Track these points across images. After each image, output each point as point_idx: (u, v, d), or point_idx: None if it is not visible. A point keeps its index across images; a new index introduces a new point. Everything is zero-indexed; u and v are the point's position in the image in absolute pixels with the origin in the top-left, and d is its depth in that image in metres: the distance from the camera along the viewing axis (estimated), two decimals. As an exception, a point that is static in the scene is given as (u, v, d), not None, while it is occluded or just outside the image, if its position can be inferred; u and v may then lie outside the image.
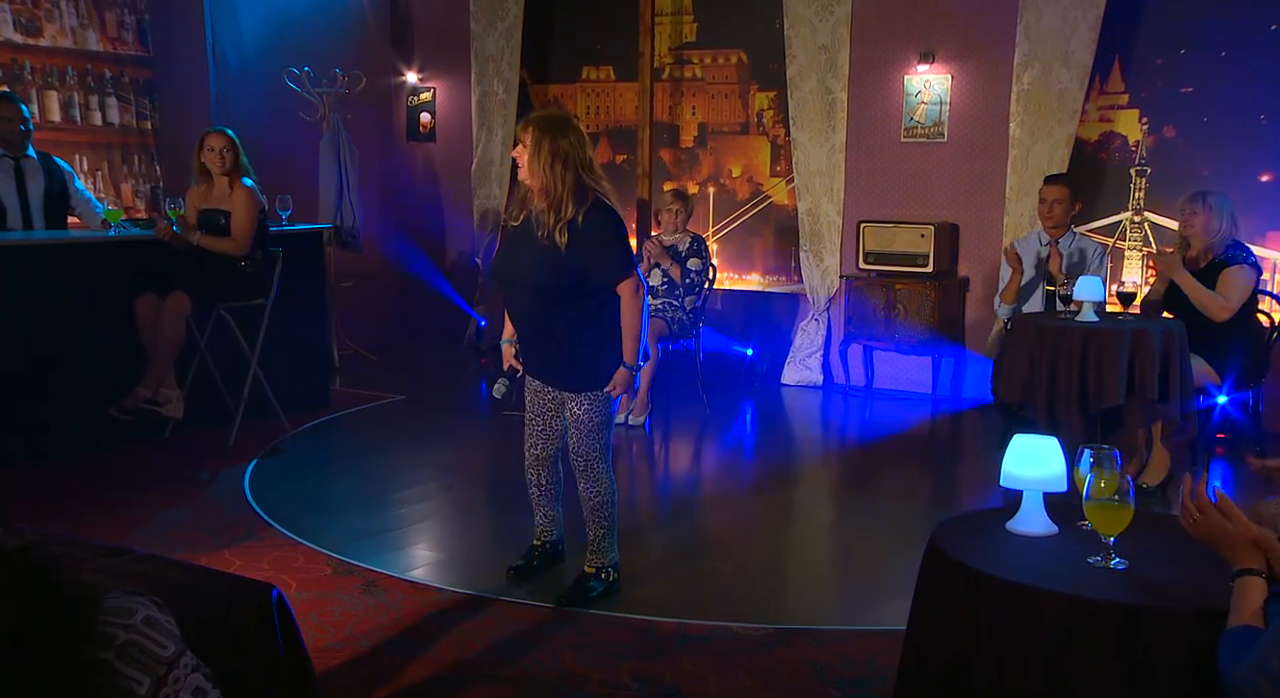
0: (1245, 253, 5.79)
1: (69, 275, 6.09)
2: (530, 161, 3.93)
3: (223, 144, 6.28)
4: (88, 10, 7.89)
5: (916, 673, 2.54)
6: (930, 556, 2.54)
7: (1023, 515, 2.59)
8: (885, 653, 3.92)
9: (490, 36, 9.28)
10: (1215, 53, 7.17)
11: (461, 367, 9.17)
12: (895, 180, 7.96)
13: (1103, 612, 2.22)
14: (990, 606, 2.32)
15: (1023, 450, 2.59)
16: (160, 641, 1.66)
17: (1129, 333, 5.29)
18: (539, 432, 4.39)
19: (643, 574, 4.72)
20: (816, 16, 7.99)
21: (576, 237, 3.94)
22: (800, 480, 6.48)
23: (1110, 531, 2.38)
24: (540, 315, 4.12)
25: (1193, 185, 7.06)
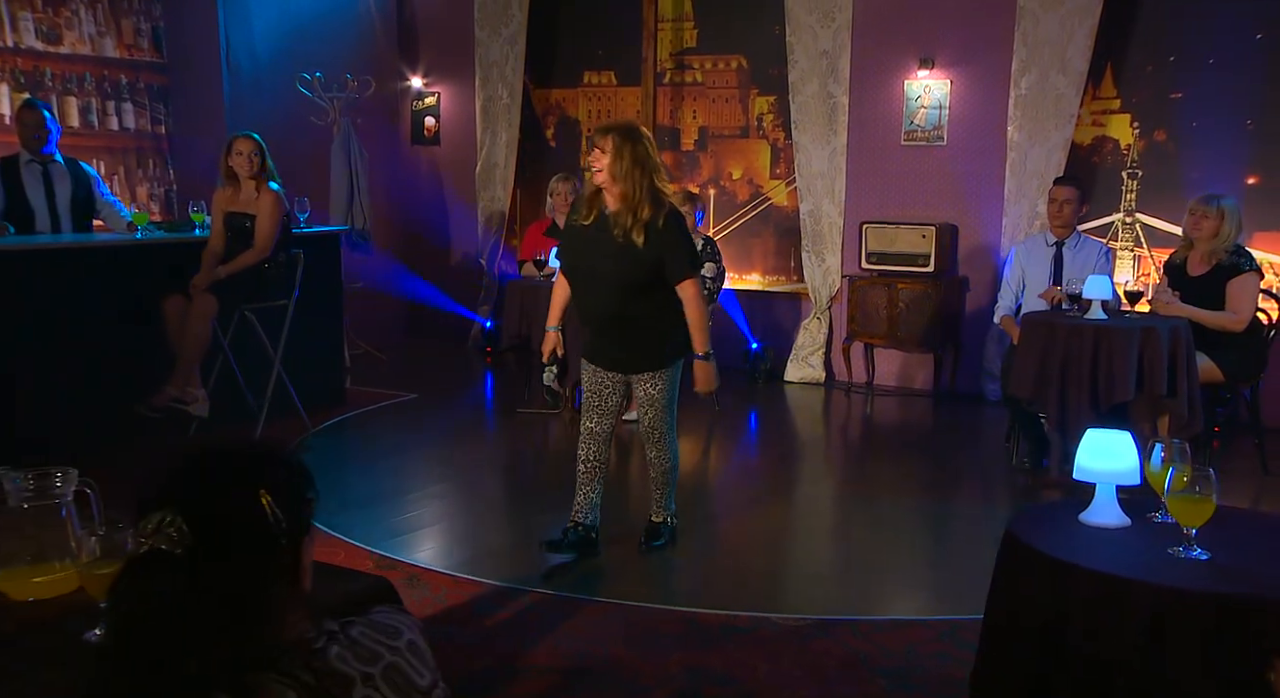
0: (1248, 259, 5.84)
1: (97, 277, 6.04)
2: (611, 166, 4.18)
3: (250, 148, 6.25)
4: (106, 18, 7.87)
5: (997, 661, 2.54)
6: (1010, 548, 2.55)
7: (1096, 508, 2.61)
8: (922, 642, 3.96)
9: (494, 42, 9.25)
10: (1203, 60, 7.23)
11: (468, 366, 9.13)
12: (896, 182, 7.99)
13: (1194, 601, 2.24)
14: (1079, 596, 2.33)
15: (1096, 445, 2.60)
16: (419, 669, 1.60)
17: (1138, 330, 5.33)
18: (595, 408, 4.62)
19: (681, 567, 4.74)
20: (818, 23, 8.00)
21: (652, 237, 4.22)
22: (814, 475, 6.50)
23: (1193, 522, 2.40)
24: (616, 306, 4.36)
25: (1183, 188, 7.19)
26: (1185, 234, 5.96)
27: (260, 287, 6.36)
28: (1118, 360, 5.29)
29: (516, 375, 7.70)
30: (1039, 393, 5.50)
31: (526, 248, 7.60)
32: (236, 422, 6.50)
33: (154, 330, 6.13)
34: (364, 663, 1.52)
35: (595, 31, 9.26)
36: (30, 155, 6.38)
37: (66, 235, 6.36)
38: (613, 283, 4.31)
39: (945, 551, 5.11)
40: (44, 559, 2.16)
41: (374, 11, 9.24)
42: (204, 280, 6.15)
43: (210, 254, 6.29)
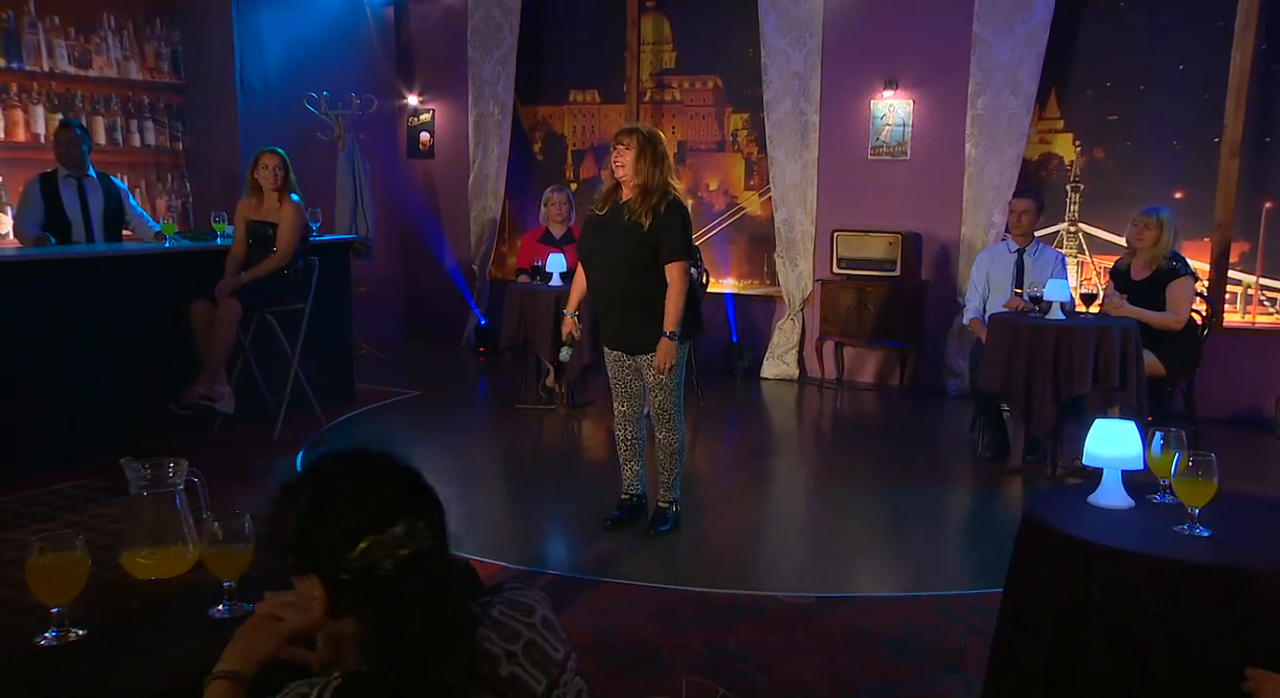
0: (1184, 265, 5.99)
1: (130, 284, 6.06)
2: (635, 161, 4.44)
3: (275, 162, 6.26)
4: (131, 44, 7.93)
5: (1019, 633, 2.60)
6: (1030, 528, 2.61)
7: (1104, 490, 2.68)
8: (916, 616, 4.05)
9: (486, 63, 9.26)
10: (1135, 87, 7.41)
11: (464, 365, 9.13)
12: (863, 194, 8.07)
13: (1203, 573, 2.32)
14: (1100, 572, 2.39)
15: (1104, 433, 2.68)
16: (553, 643, 1.59)
17: (1095, 330, 5.46)
18: (622, 392, 4.83)
19: (687, 549, 4.80)
20: (790, 46, 8.08)
21: (656, 220, 4.44)
22: (796, 465, 6.58)
23: (1196, 502, 2.49)
24: (621, 284, 4.56)
25: (1120, 201, 7.38)
26: (1129, 242, 6.09)
27: (280, 292, 6.37)
28: (1077, 357, 5.42)
29: (514, 374, 7.71)
30: (1007, 387, 5.62)
31: (523, 255, 7.62)
32: (257, 418, 6.49)
33: (182, 333, 6.13)
34: (507, 641, 1.53)
35: (580, 52, 9.29)
36: (67, 171, 6.37)
37: (101, 245, 6.34)
38: (619, 262, 4.51)
39: (925, 533, 5.20)
40: (161, 542, 2.18)
41: (374, 34, 9.21)
42: (229, 285, 6.14)
43: (233, 260, 6.29)
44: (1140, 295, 5.88)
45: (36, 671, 1.80)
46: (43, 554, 1.89)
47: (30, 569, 1.89)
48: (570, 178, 9.39)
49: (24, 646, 1.87)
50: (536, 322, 6.85)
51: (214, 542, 2.01)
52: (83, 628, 1.92)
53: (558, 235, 7.48)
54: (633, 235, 4.46)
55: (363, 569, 1.47)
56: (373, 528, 1.47)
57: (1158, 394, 5.95)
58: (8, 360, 5.52)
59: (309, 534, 1.51)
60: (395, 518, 1.48)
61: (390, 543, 1.46)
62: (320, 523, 1.50)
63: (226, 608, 2.02)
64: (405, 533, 1.47)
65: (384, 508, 1.49)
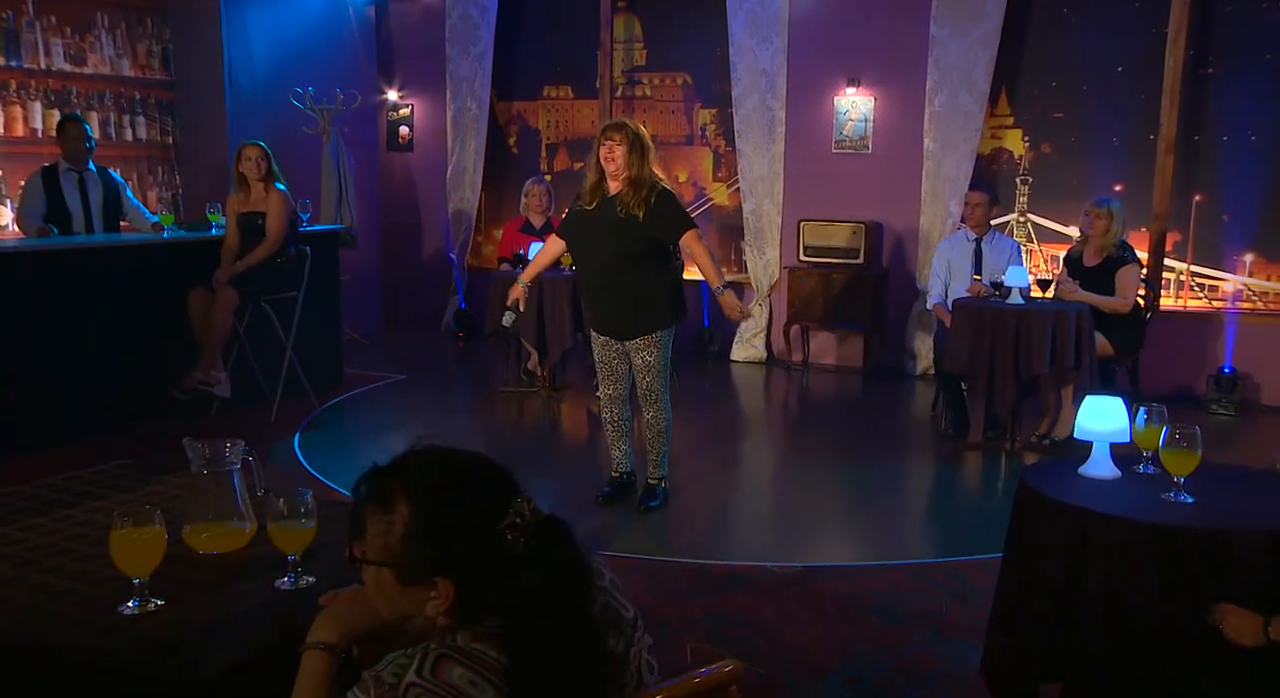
0: (1131, 252, 6.12)
1: (130, 273, 6.00)
2: (626, 155, 4.43)
3: (257, 154, 6.23)
4: (123, 41, 7.83)
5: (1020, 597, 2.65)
6: (1027, 497, 2.67)
7: (1094, 462, 2.75)
8: (901, 582, 4.12)
9: (464, 60, 9.21)
10: (1079, 86, 7.53)
11: (444, 349, 9.10)
12: (828, 186, 8.12)
13: (1192, 536, 2.40)
14: (1097, 537, 2.46)
15: (1093, 409, 2.76)
16: (624, 604, 1.57)
17: (1052, 314, 5.57)
18: (608, 376, 4.82)
19: (678, 524, 4.84)
20: (758, 45, 8.12)
21: (650, 210, 4.46)
22: (772, 443, 6.65)
23: (1181, 471, 2.56)
24: (614, 275, 4.55)
25: (1065, 193, 7.52)
26: (1081, 232, 6.21)
27: (274, 280, 6.34)
28: (1036, 339, 5.53)
29: (494, 358, 7.71)
30: (970, 367, 5.72)
31: (504, 244, 7.60)
32: (252, 402, 6.45)
33: (181, 320, 6.08)
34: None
35: (553, 50, 9.26)
36: (68, 165, 6.31)
37: (102, 236, 6.30)
38: (612, 253, 4.52)
39: (898, 505, 5.28)
40: (220, 518, 2.18)
41: (356, 32, 9.12)
42: (225, 274, 6.11)
43: (227, 251, 6.25)
44: (1091, 281, 6.00)
45: (122, 639, 1.80)
46: (125, 528, 1.90)
47: (114, 542, 1.90)
48: (545, 170, 9.37)
49: (108, 615, 1.88)
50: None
51: (279, 517, 2.02)
52: (160, 599, 1.93)
53: (538, 225, 7.47)
54: (627, 228, 4.47)
55: (494, 555, 1.44)
56: (497, 511, 1.46)
57: (1106, 373, 6.09)
58: (12, 347, 5.45)
59: (431, 530, 1.46)
60: (511, 496, 1.48)
61: (518, 522, 1.45)
62: (443, 515, 1.46)
63: (291, 581, 2.03)
64: (525, 508, 1.47)
65: (500, 489, 1.49)
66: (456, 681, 1.38)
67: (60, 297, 5.63)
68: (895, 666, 3.42)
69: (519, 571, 1.43)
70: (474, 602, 1.45)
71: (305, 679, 1.56)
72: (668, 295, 4.67)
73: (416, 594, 1.47)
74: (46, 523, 2.30)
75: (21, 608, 1.89)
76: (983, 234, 6.41)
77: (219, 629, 1.85)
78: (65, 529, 2.27)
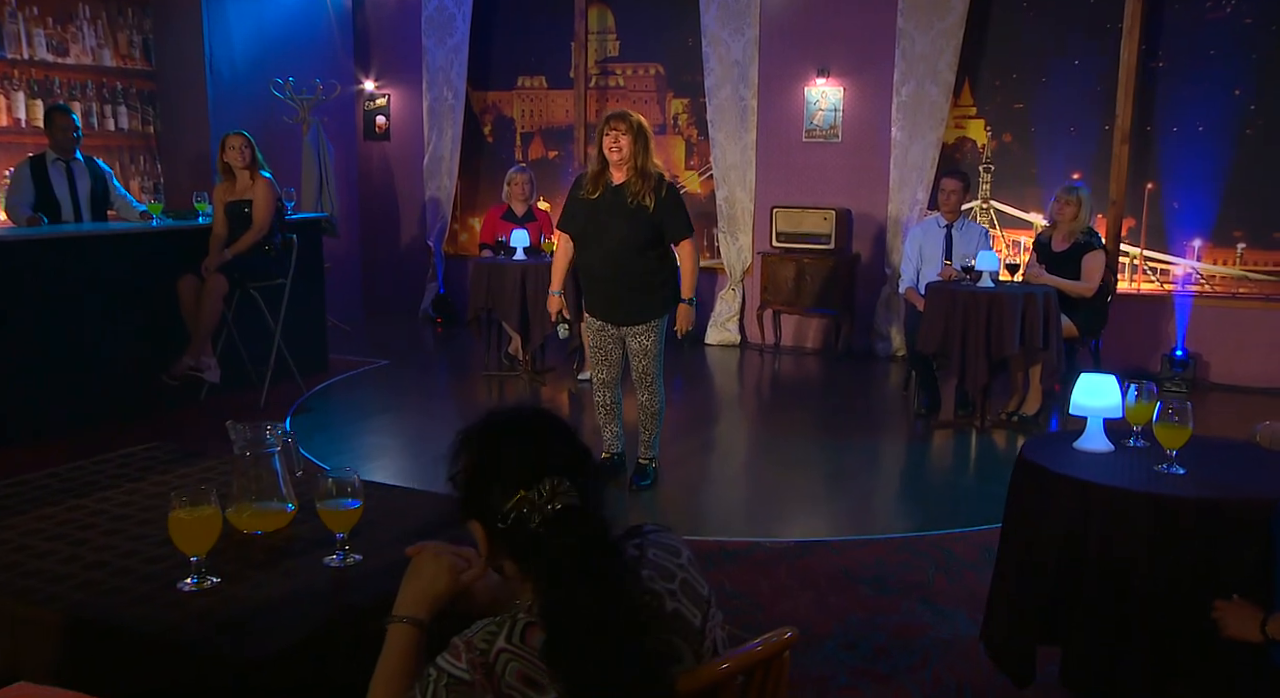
0: (1098, 238, 6.25)
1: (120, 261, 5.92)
2: (631, 145, 4.45)
3: (241, 143, 6.18)
4: (105, 32, 7.73)
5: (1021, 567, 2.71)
6: (1028, 470, 2.73)
7: (1088, 437, 2.82)
8: (887, 555, 4.19)
9: (440, 50, 9.15)
10: (1038, 79, 7.64)
11: (423, 335, 9.07)
12: (799, 173, 8.18)
13: (1186, 505, 2.47)
14: (1098, 507, 2.53)
15: (1088, 387, 2.82)
16: (700, 580, 1.59)
17: (1021, 297, 5.67)
18: (601, 361, 4.82)
19: (669, 502, 4.88)
20: (730, 37, 8.14)
21: (660, 203, 4.50)
22: (751, 422, 6.71)
23: (1174, 444, 2.64)
24: (620, 262, 4.57)
25: (1026, 181, 7.64)
26: (1051, 217, 6.31)
27: (262, 267, 6.30)
28: (1007, 321, 5.62)
29: (473, 344, 7.69)
30: (944, 348, 5.81)
31: (486, 231, 7.59)
32: (240, 387, 6.40)
33: (171, 307, 6.02)
34: (665, 581, 1.55)
35: (527, 41, 9.23)
36: (56, 155, 6.22)
37: (93, 224, 6.21)
38: (620, 241, 4.53)
39: (878, 481, 5.37)
40: (263, 498, 2.19)
41: (334, 23, 9.03)
42: (214, 262, 6.06)
43: (216, 239, 6.20)
44: (1059, 265, 6.11)
45: (185, 614, 1.81)
46: (183, 508, 1.90)
47: (173, 522, 1.90)
48: (520, 159, 9.34)
49: (168, 592, 1.88)
50: (503, 293, 6.85)
51: (328, 496, 2.03)
52: (216, 576, 1.94)
53: (519, 213, 7.46)
54: (638, 217, 4.48)
55: (515, 521, 1.49)
56: (524, 483, 1.49)
57: (1070, 353, 6.20)
58: (5, 335, 5.37)
59: (472, 484, 1.55)
60: (544, 475, 1.50)
61: (538, 499, 1.48)
62: (481, 475, 1.54)
63: (340, 558, 2.04)
64: (552, 490, 1.48)
65: (536, 465, 1.51)
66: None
67: (53, 285, 5.55)
68: (890, 632, 3.49)
69: (537, 544, 1.48)
70: (509, 555, 1.53)
71: (393, 653, 1.58)
72: (666, 283, 4.68)
73: (471, 531, 1.59)
74: (90, 504, 2.29)
75: (88, 585, 1.89)
76: (954, 220, 6.49)
77: (277, 606, 1.86)
78: (109, 510, 2.26)
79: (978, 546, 4.23)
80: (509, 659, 1.40)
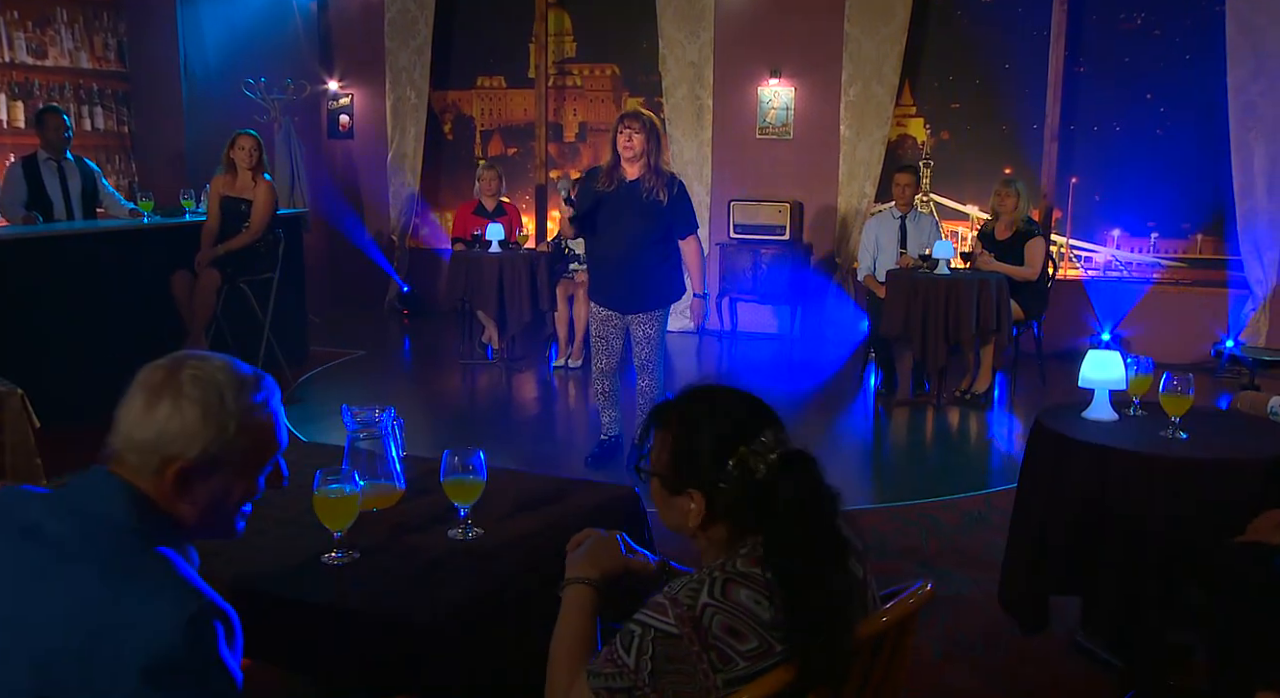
0: (1037, 226, 6.49)
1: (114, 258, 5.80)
2: (644, 142, 4.51)
3: (252, 144, 6.11)
4: (81, 35, 7.55)
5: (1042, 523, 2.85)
6: (1046, 438, 2.87)
7: (1095, 407, 2.98)
8: (881, 523, 4.30)
9: (403, 52, 9.07)
10: (973, 80, 7.89)
11: (391, 327, 9.00)
12: (753, 168, 8.30)
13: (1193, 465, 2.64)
14: (1116, 470, 2.68)
15: (1095, 361, 2.97)
16: (857, 538, 1.64)
17: (976, 282, 5.87)
18: (604, 349, 4.85)
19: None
20: (686, 39, 8.23)
21: (673, 199, 4.59)
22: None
23: (1177, 412, 2.81)
24: (636, 252, 4.61)
25: (962, 176, 7.89)
26: (993, 208, 6.52)
27: (253, 262, 6.22)
28: (965, 305, 5.82)
29: (448, 333, 7.67)
30: (905, 331, 5.98)
31: (458, 226, 7.56)
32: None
33: (164, 301, 5.91)
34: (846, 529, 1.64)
35: (487, 41, 9.19)
36: (47, 154, 6.07)
37: (87, 222, 6.08)
38: (634, 233, 4.59)
39: (853, 456, 5.50)
40: (375, 478, 2.22)
41: (300, 25, 8.89)
42: (206, 257, 5.96)
43: (208, 233, 6.10)
44: (1003, 252, 6.33)
45: (342, 585, 1.84)
46: (324, 487, 1.93)
47: (318, 500, 1.93)
48: (479, 156, 9.31)
49: (315, 565, 1.91)
50: (481, 285, 6.85)
51: (455, 471, 2.07)
52: (356, 550, 1.97)
53: (490, 208, 7.46)
54: (653, 210, 4.55)
55: (739, 477, 1.54)
56: (744, 438, 1.55)
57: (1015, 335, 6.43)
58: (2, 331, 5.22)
59: (681, 457, 1.58)
60: (761, 427, 1.56)
61: (761, 450, 1.54)
62: (691, 445, 1.57)
63: (467, 531, 2.09)
64: (773, 439, 1.55)
65: (749, 420, 1.58)
66: (744, 600, 1.48)
67: (49, 281, 5.40)
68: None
69: (766, 492, 1.53)
70: (724, 516, 1.56)
71: (571, 611, 1.64)
72: (671, 275, 4.76)
73: (680, 504, 1.59)
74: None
75: (249, 559, 1.91)
76: (907, 212, 6.68)
77: (424, 575, 1.90)
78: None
79: (961, 512, 4.40)
80: (714, 613, 1.47)
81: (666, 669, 1.46)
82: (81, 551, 1.31)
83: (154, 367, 1.41)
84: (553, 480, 2.48)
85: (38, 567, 1.30)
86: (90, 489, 1.37)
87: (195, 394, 1.37)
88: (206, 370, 1.40)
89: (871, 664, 1.61)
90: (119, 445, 1.39)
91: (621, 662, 1.49)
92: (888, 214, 6.78)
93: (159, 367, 1.41)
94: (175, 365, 1.40)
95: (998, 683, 2.99)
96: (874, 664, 1.62)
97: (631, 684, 1.48)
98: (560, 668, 1.59)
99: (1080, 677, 3.00)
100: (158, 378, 1.39)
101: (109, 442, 1.43)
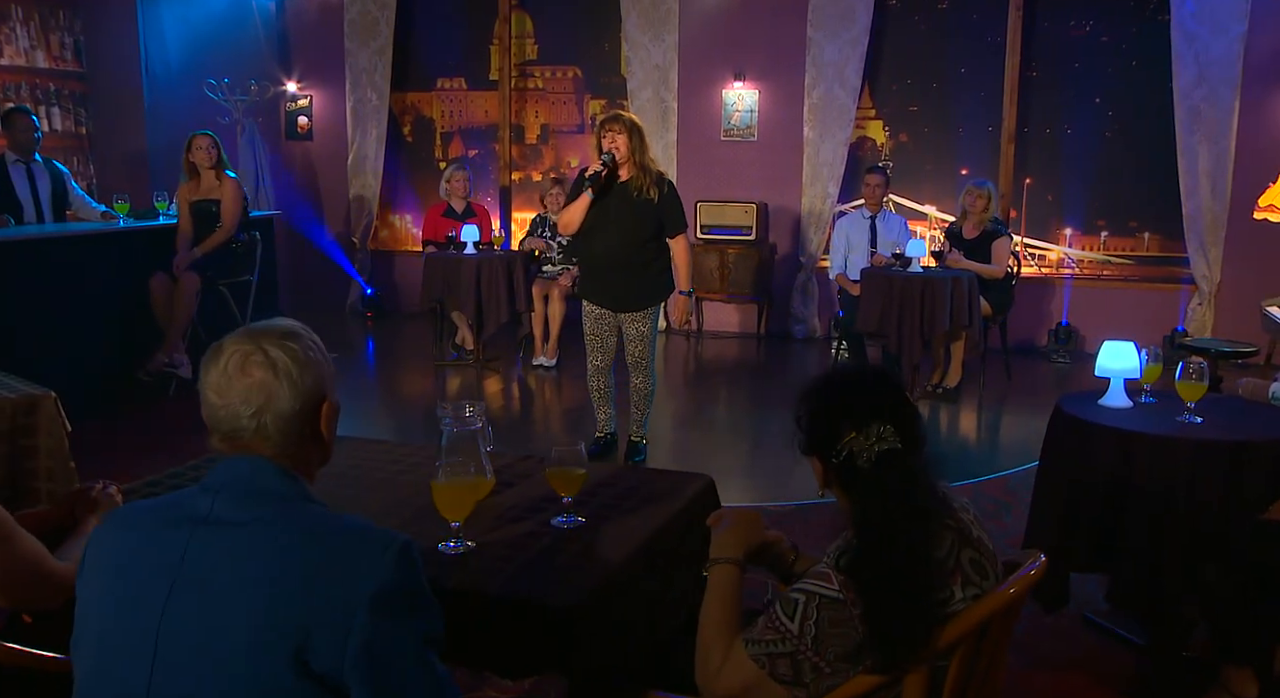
0: (1003, 226, 6.75)
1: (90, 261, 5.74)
2: (628, 143, 4.63)
3: (209, 143, 6.08)
4: (37, 34, 7.45)
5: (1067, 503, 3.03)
6: (1067, 424, 3.05)
7: (1111, 394, 3.17)
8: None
9: (364, 53, 9.03)
10: (930, 84, 8.16)
11: (356, 329, 8.95)
12: (718, 169, 8.45)
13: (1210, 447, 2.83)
14: (1140, 453, 2.87)
15: (1111, 352, 3.16)
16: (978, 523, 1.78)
17: (949, 280, 6.09)
18: (598, 348, 4.93)
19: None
20: (651, 42, 8.35)
21: (663, 197, 4.68)
22: (702, 399, 6.90)
23: (1192, 398, 3.00)
24: (628, 251, 4.70)
25: (921, 177, 8.14)
26: (963, 208, 6.75)
27: (231, 265, 6.20)
28: (939, 302, 6.02)
29: (418, 334, 7.67)
30: (881, 328, 6.17)
31: (428, 228, 7.57)
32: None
33: (142, 305, 5.85)
34: (966, 512, 1.78)
35: (447, 43, 9.21)
36: (16, 156, 5.94)
37: (59, 225, 5.96)
38: (626, 233, 4.67)
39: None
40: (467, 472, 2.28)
41: (259, 26, 8.80)
42: (184, 261, 5.92)
43: (182, 237, 6.07)
44: (970, 251, 6.56)
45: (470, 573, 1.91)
46: (446, 479, 2.01)
47: (436, 490, 2.00)
48: (439, 158, 9.32)
49: (436, 554, 1.98)
50: (459, 286, 6.88)
51: (560, 463, 2.16)
52: (472, 541, 2.04)
53: (459, 209, 7.49)
54: (644, 208, 4.65)
55: (846, 458, 1.70)
56: (856, 426, 1.70)
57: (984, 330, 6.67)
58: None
59: (814, 426, 1.75)
60: (874, 420, 1.69)
61: (866, 440, 1.68)
62: (821, 418, 1.74)
63: (569, 520, 2.17)
64: (879, 433, 1.69)
65: (867, 411, 1.70)
66: None
67: (25, 285, 5.32)
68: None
69: (864, 478, 1.69)
70: (829, 482, 1.76)
71: (719, 589, 1.74)
72: (662, 273, 4.84)
73: (811, 464, 1.81)
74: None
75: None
76: (876, 212, 6.88)
77: (546, 562, 1.97)
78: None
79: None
80: None
81: (829, 633, 1.58)
82: (275, 521, 1.41)
83: (239, 355, 1.47)
84: (621, 468, 2.57)
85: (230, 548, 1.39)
86: (245, 475, 1.47)
87: (293, 348, 1.50)
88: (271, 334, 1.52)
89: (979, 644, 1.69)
90: (252, 429, 1.47)
91: (784, 628, 1.60)
92: (858, 214, 6.98)
93: (243, 352, 1.48)
94: (254, 345, 1.49)
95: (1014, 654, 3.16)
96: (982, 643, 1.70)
97: (794, 649, 1.59)
98: (713, 643, 1.70)
99: (1095, 650, 3.19)
100: (257, 359, 1.48)
101: (231, 435, 1.49)
